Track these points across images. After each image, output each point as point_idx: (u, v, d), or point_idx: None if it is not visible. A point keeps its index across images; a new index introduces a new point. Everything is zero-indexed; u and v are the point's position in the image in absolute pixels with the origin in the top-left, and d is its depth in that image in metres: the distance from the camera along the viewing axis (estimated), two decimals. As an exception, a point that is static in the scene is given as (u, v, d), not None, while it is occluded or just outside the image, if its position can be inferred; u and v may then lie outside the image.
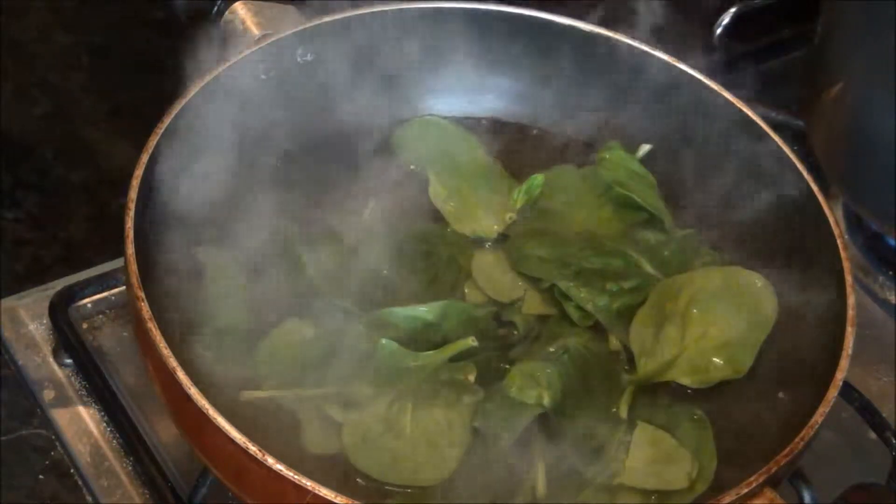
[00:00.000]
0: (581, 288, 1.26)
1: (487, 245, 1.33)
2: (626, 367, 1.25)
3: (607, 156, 1.39)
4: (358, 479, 1.15)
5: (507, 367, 1.21)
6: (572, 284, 1.27)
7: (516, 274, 1.29)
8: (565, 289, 1.27)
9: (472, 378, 1.19)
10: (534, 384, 1.18)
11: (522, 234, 1.32)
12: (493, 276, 1.30)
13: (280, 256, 1.26)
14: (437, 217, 1.35)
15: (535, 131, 1.45)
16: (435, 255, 1.30)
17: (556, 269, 1.28)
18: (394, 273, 1.27)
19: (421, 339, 1.20)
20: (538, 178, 1.34)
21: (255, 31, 1.36)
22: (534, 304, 1.28)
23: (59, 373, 1.34)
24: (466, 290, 1.29)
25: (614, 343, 1.26)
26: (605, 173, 1.37)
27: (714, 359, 1.24)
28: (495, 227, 1.33)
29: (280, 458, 1.05)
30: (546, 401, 1.18)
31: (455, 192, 1.35)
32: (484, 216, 1.34)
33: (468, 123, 1.44)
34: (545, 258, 1.28)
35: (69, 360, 1.34)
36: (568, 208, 1.37)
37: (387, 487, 1.14)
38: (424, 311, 1.21)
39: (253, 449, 1.05)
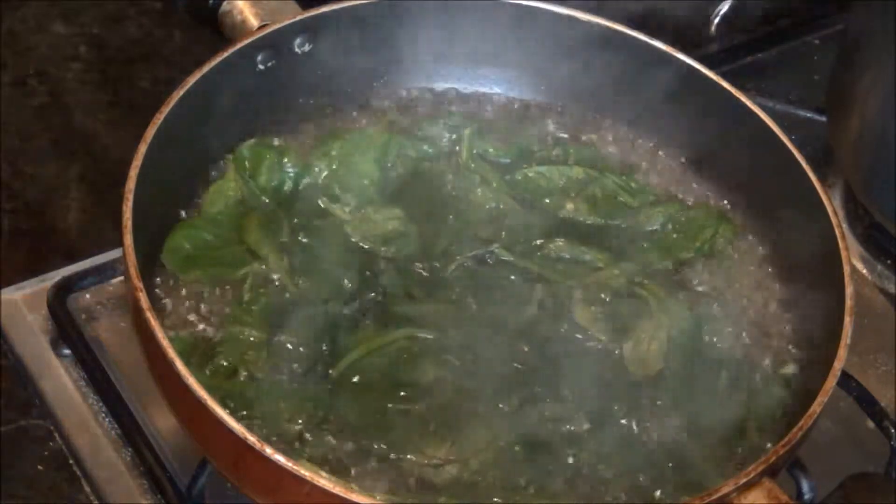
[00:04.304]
0: None
1: None
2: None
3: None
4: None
5: None
6: None
7: None
8: None
9: None
10: None
11: None
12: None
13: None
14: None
15: (530, 111, 1.46)
16: None
17: None
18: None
19: None
20: None
21: (254, 22, 1.36)
22: None
23: (58, 363, 1.34)
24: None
25: None
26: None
27: None
28: None
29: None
30: None
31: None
32: None
33: (464, 104, 1.46)
34: None
35: (68, 351, 1.34)
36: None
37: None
38: None
39: (251, 439, 1.05)
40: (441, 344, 1.23)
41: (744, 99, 1.36)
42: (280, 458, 1.05)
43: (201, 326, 1.23)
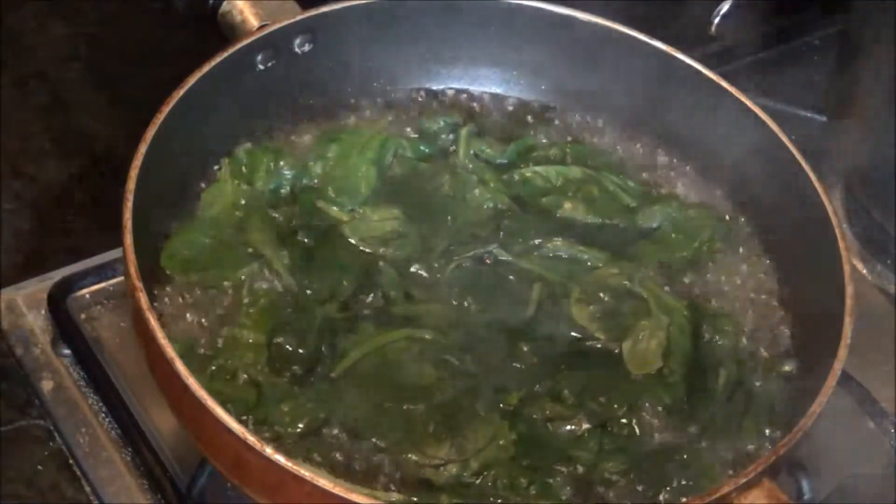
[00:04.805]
0: None
1: None
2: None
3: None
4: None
5: None
6: None
7: None
8: None
9: None
10: None
11: None
12: None
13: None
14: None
15: (528, 111, 1.47)
16: None
17: None
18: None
19: None
20: None
21: (254, 22, 1.36)
22: None
23: (58, 363, 1.34)
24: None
25: None
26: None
27: None
28: None
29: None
30: None
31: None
32: None
33: (462, 104, 1.46)
34: None
35: (68, 351, 1.34)
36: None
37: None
38: None
39: (252, 440, 1.05)
40: (440, 344, 1.23)
41: (744, 99, 1.36)
42: (280, 459, 1.05)
43: (201, 328, 1.23)
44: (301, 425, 1.16)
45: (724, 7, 1.75)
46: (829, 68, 1.60)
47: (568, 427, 1.20)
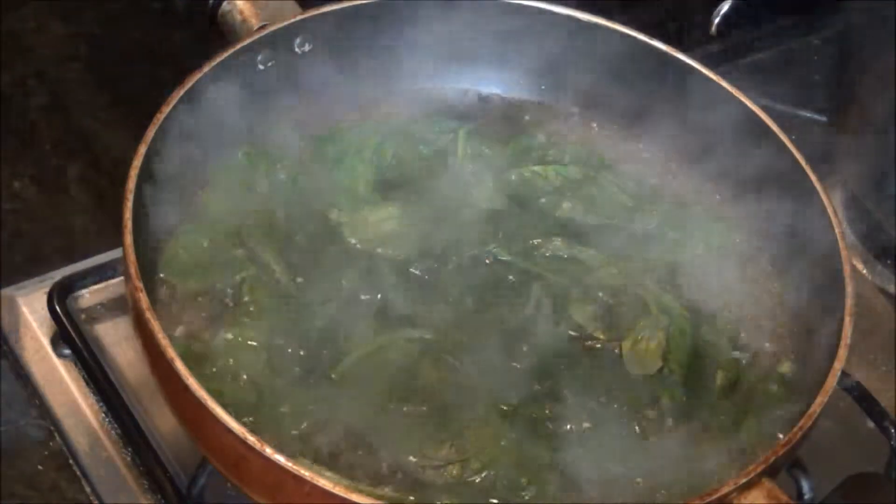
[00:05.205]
0: None
1: None
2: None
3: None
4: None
5: None
6: None
7: None
8: None
9: None
10: None
11: None
12: None
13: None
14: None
15: (527, 111, 1.47)
16: None
17: None
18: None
19: None
20: None
21: (254, 22, 1.36)
22: None
23: (58, 363, 1.34)
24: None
25: None
26: None
27: None
28: None
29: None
30: None
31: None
32: None
33: (461, 104, 1.47)
34: None
35: (68, 351, 1.34)
36: None
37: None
38: None
39: (251, 439, 1.05)
40: (440, 345, 1.23)
41: (744, 99, 1.36)
42: (280, 459, 1.05)
43: (201, 328, 1.23)
44: (301, 426, 1.16)
45: (724, 7, 1.75)
46: (829, 68, 1.60)
47: (568, 426, 1.20)
